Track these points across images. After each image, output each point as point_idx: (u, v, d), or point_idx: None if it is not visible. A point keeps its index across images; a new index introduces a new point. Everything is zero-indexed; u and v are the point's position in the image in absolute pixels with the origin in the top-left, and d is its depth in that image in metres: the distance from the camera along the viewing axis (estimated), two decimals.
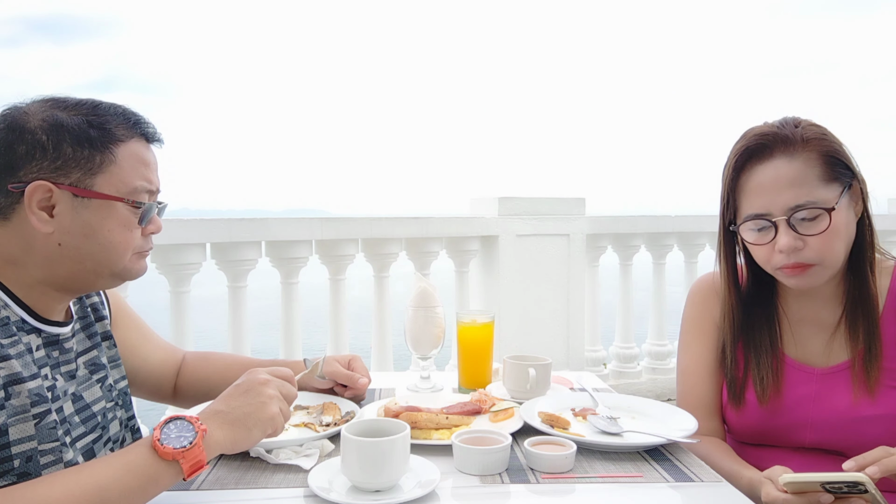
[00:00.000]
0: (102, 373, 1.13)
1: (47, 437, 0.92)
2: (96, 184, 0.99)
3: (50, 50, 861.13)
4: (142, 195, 1.03)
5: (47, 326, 1.02)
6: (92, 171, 0.98)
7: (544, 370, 1.41)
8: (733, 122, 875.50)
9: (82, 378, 1.08)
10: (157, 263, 2.62)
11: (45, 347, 1.01)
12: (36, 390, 0.92)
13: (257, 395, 0.99)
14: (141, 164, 1.04)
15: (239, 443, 0.96)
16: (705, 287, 1.41)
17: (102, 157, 0.99)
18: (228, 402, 0.98)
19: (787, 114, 1.25)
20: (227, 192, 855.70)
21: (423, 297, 1.50)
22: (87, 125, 0.98)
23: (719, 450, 1.28)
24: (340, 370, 1.39)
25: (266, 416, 0.98)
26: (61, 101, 1.01)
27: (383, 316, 3.05)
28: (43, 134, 0.96)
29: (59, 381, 1.01)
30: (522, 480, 1.04)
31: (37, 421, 0.91)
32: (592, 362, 3.55)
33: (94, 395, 1.09)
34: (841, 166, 1.18)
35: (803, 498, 0.98)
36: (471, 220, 3.24)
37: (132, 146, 1.03)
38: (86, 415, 1.06)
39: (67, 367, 1.05)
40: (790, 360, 1.30)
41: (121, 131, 1.02)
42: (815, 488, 0.97)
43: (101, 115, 1.01)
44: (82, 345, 1.12)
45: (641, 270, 3.68)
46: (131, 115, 1.05)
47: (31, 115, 0.98)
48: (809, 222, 1.16)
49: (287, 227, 2.79)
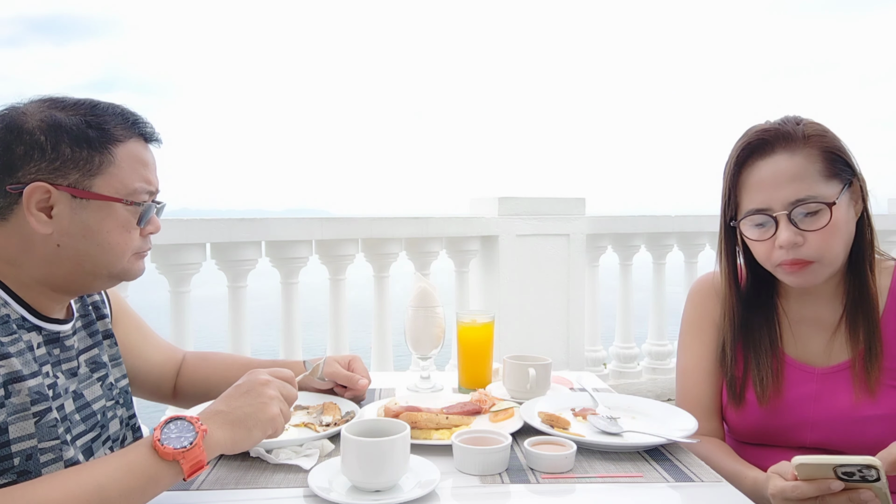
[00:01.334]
0: (103, 371, 1.13)
1: (47, 435, 0.92)
2: (95, 185, 0.98)
3: (50, 50, 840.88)
4: (141, 196, 1.03)
5: (48, 324, 1.02)
6: (91, 172, 0.98)
7: (544, 370, 1.41)
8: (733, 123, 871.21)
9: (83, 376, 1.08)
10: (157, 263, 2.62)
11: (46, 345, 1.01)
12: (36, 388, 0.92)
13: (258, 396, 0.99)
14: (140, 165, 1.03)
15: (239, 443, 0.96)
16: (705, 287, 1.41)
17: (101, 157, 0.99)
18: (229, 402, 0.98)
19: (787, 113, 1.26)
20: (227, 192, 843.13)
21: (423, 297, 1.50)
22: (85, 125, 0.98)
23: (720, 450, 1.28)
24: (340, 371, 1.39)
25: (266, 417, 0.98)
26: (59, 101, 1.01)
27: (383, 316, 3.05)
28: (41, 134, 0.96)
29: (60, 379, 1.01)
30: (522, 480, 1.04)
31: (37, 419, 0.92)
32: (592, 362, 3.55)
33: (95, 393, 1.09)
34: (841, 163, 1.19)
35: (813, 485, 0.97)
36: (471, 220, 3.23)
37: (131, 146, 1.03)
38: (86, 413, 1.06)
39: (69, 364, 1.05)
40: (790, 360, 1.30)
41: (119, 131, 1.01)
42: (828, 473, 0.95)
43: (100, 115, 1.01)
44: (84, 343, 1.12)
45: (641, 270, 3.68)
46: (130, 115, 1.04)
47: (30, 115, 0.97)
48: (810, 218, 1.16)
49: (287, 227, 2.79)
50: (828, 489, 0.96)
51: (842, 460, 0.94)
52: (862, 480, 0.95)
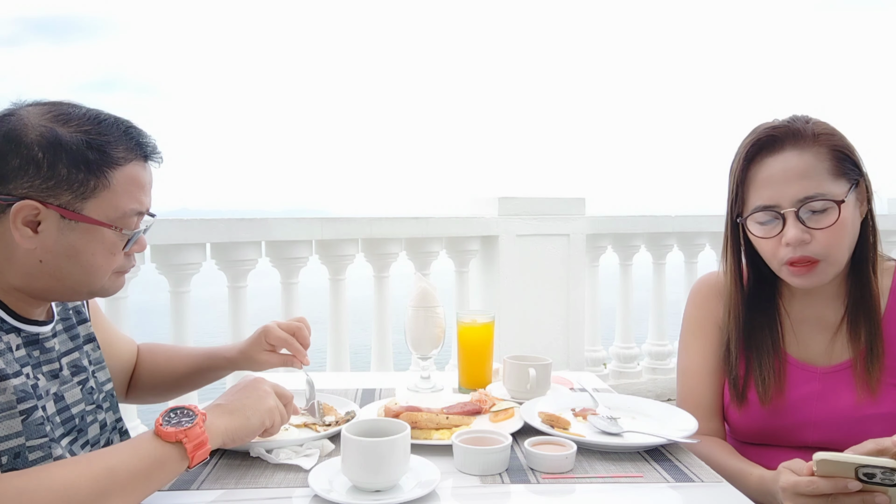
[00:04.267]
0: (83, 375, 1.12)
1: (35, 433, 0.92)
2: (86, 208, 0.97)
3: (50, 50, 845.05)
4: (130, 219, 1.01)
5: (27, 326, 1.01)
6: (84, 195, 0.96)
7: (544, 370, 1.41)
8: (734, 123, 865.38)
9: (65, 378, 1.07)
10: (157, 263, 2.61)
11: (26, 347, 1.00)
12: (21, 387, 0.92)
13: (254, 390, 1.05)
14: (136, 188, 1.01)
15: (239, 431, 0.99)
16: (707, 287, 1.41)
17: (97, 181, 0.97)
18: (227, 397, 1.04)
19: (795, 112, 1.25)
20: (227, 192, 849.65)
21: (423, 297, 1.50)
22: (86, 146, 0.95)
23: (722, 449, 1.28)
24: (277, 333, 1.31)
25: (264, 407, 1.03)
26: (63, 114, 0.97)
27: (383, 316, 3.05)
28: (39, 150, 0.93)
29: (41, 381, 1.00)
30: (522, 480, 1.04)
31: (24, 417, 0.91)
32: (592, 362, 3.54)
33: (75, 396, 1.08)
34: (849, 163, 1.19)
35: (830, 482, 0.94)
36: (471, 220, 3.23)
37: (129, 170, 1.00)
38: (65, 416, 1.04)
39: (49, 366, 1.04)
40: (792, 360, 1.30)
41: (120, 153, 0.99)
42: (848, 472, 0.93)
43: (103, 133, 0.98)
44: (65, 346, 1.10)
45: (641, 270, 3.68)
46: (134, 134, 1.02)
47: (31, 127, 0.94)
48: (818, 215, 1.16)
49: (287, 227, 2.79)
50: (844, 488, 0.93)
51: (866, 460, 0.92)
52: (881, 483, 0.92)
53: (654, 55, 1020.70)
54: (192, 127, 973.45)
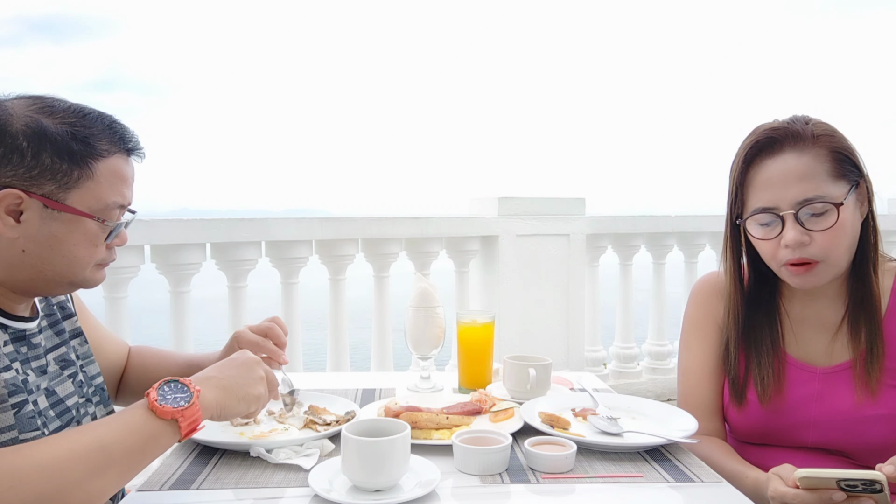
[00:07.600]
0: (72, 369, 1.12)
1: (27, 426, 0.93)
2: (69, 198, 0.97)
3: (49, 50, 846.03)
4: (113, 211, 1.02)
5: (12, 322, 1.02)
6: (67, 186, 0.97)
7: (544, 370, 1.41)
8: (734, 123, 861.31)
9: (54, 373, 1.08)
10: (157, 263, 2.62)
11: (13, 343, 1.01)
12: (11, 380, 0.93)
13: (249, 372, 1.03)
14: (118, 181, 1.03)
15: (226, 409, 0.99)
16: (707, 287, 1.41)
17: (80, 172, 0.98)
18: (222, 370, 1.02)
19: (795, 112, 1.25)
20: (227, 192, 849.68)
21: (423, 297, 1.50)
22: (70, 137, 0.97)
23: (721, 450, 1.28)
24: (249, 337, 1.35)
25: (254, 394, 1.02)
26: (48, 106, 0.99)
27: (383, 316, 3.05)
28: (24, 140, 0.94)
29: (30, 377, 1.01)
30: (522, 480, 1.04)
31: (15, 410, 0.92)
32: (592, 362, 3.55)
33: (67, 389, 1.09)
34: (849, 164, 1.18)
35: (815, 494, 0.96)
36: (471, 220, 3.24)
37: (112, 162, 1.01)
38: (60, 409, 1.05)
39: (37, 362, 1.05)
40: (792, 360, 1.29)
41: (104, 146, 1.00)
42: (830, 485, 0.95)
43: (87, 126, 0.99)
44: (51, 341, 1.11)
45: (641, 270, 3.68)
46: (118, 129, 1.03)
47: (15, 116, 0.96)
48: (817, 217, 1.16)
49: (287, 227, 2.79)
50: (830, 500, 0.96)
51: (845, 474, 0.94)
52: (864, 492, 0.94)
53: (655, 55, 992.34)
54: (193, 127, 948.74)
